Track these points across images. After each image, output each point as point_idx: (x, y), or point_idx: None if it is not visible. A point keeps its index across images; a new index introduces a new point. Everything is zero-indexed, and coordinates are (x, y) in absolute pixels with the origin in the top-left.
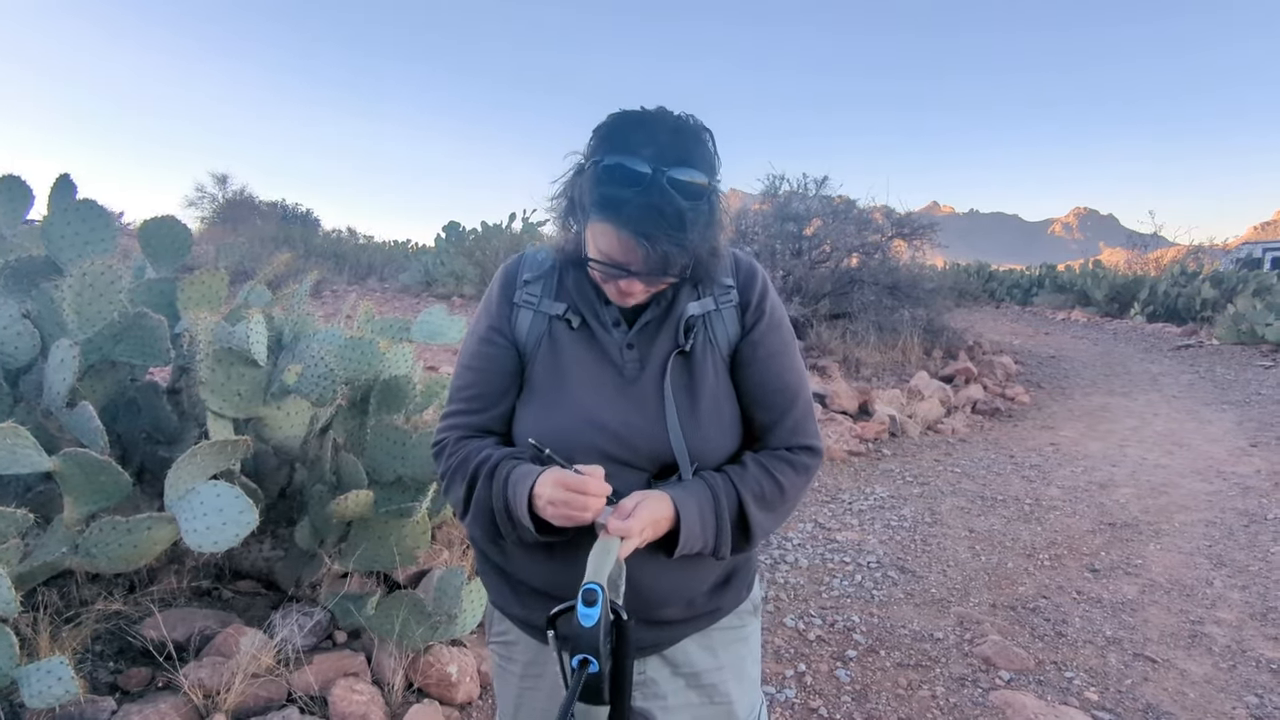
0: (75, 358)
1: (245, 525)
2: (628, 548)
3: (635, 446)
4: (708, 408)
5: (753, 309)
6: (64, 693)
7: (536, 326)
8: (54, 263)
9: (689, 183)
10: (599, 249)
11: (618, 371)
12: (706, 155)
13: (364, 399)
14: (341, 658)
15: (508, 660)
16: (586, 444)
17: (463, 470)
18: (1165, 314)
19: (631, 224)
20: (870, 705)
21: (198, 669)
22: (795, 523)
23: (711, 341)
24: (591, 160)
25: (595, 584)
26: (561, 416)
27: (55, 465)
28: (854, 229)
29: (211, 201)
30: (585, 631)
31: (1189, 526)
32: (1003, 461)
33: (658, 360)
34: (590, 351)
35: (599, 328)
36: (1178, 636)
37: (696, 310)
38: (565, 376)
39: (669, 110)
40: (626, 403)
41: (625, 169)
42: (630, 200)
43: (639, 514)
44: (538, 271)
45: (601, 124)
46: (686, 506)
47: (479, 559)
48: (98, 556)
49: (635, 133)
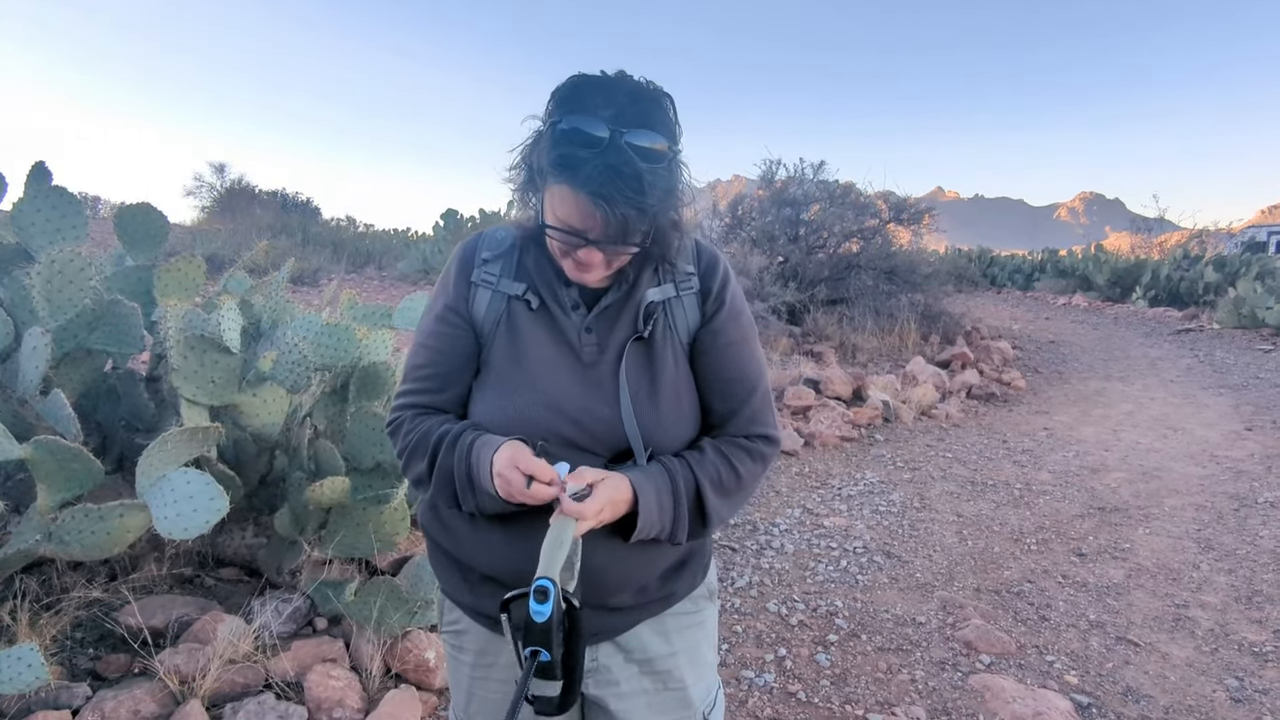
0: (48, 345)
1: (216, 512)
2: (583, 528)
3: (592, 432)
4: (667, 396)
5: (713, 297)
6: (34, 679)
7: (495, 306)
8: (25, 250)
9: (648, 147)
10: (557, 215)
11: (576, 355)
12: (666, 121)
13: (344, 386)
14: (320, 644)
15: (459, 650)
16: (544, 428)
17: (423, 446)
18: (1167, 298)
19: (589, 185)
20: (849, 689)
21: (174, 655)
22: (783, 508)
23: (671, 329)
24: (549, 122)
25: (547, 579)
26: (519, 400)
27: (26, 453)
28: (852, 214)
29: (210, 191)
30: (538, 627)
31: (1179, 511)
32: (995, 447)
33: (616, 346)
34: (549, 334)
35: (558, 310)
36: (1161, 620)
37: (657, 296)
38: (523, 359)
39: (628, 74)
40: (584, 387)
41: (582, 131)
42: (588, 161)
43: (596, 495)
44: (497, 250)
45: (559, 87)
46: (645, 490)
47: (430, 547)
48: (71, 544)
49: (593, 95)
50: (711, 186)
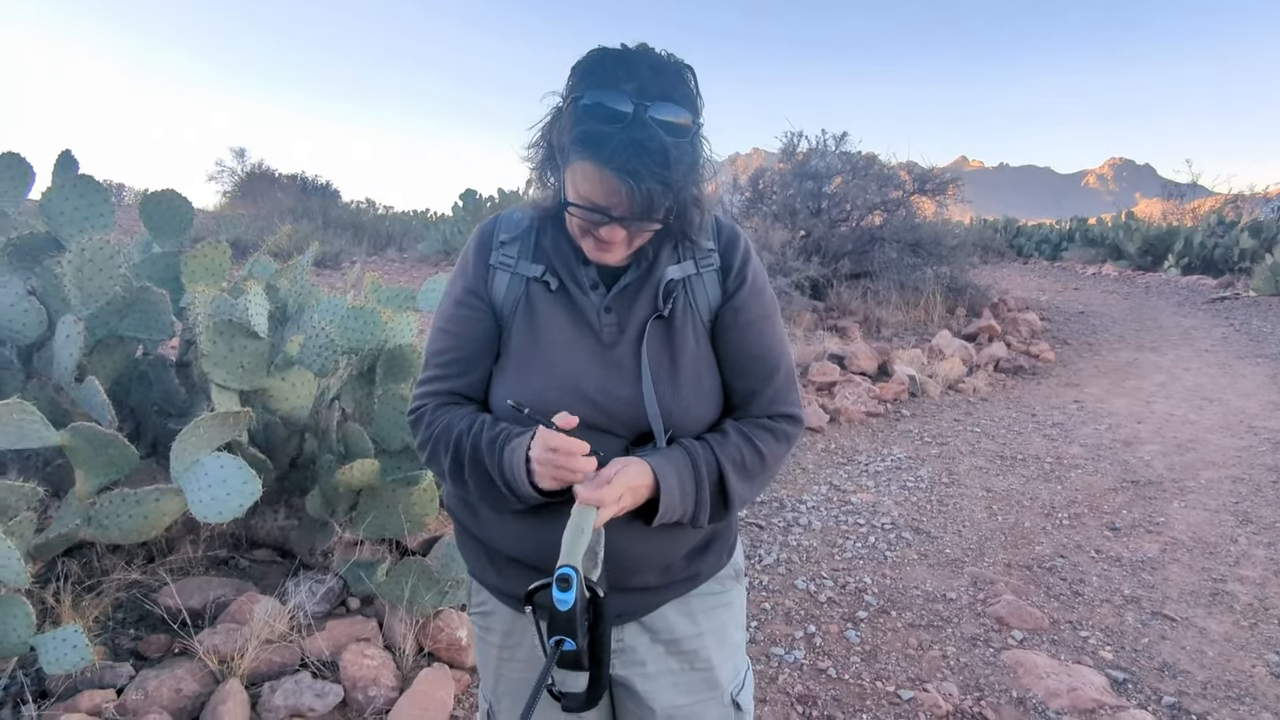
0: (80, 333)
1: (249, 495)
2: (604, 515)
3: (612, 413)
4: (688, 375)
5: (734, 274)
6: (79, 659)
7: (514, 289)
8: (56, 239)
9: (672, 121)
10: (579, 192)
11: (595, 336)
12: (689, 93)
13: (370, 369)
14: (353, 623)
15: (486, 631)
16: (564, 410)
17: (445, 440)
18: (1201, 266)
19: (615, 161)
20: (879, 665)
21: (212, 636)
22: (810, 485)
23: (692, 307)
24: (571, 98)
25: (569, 568)
26: (539, 382)
27: (64, 440)
28: (875, 186)
29: (231, 175)
30: (562, 615)
31: (1215, 483)
32: (1024, 420)
33: (636, 325)
34: (568, 315)
35: (577, 290)
36: (1198, 595)
37: (676, 274)
38: (542, 341)
39: (650, 47)
40: (604, 368)
41: (606, 106)
42: (613, 136)
43: (616, 481)
44: (514, 232)
45: (580, 61)
46: (666, 474)
47: (457, 530)
48: (109, 527)
49: (615, 69)
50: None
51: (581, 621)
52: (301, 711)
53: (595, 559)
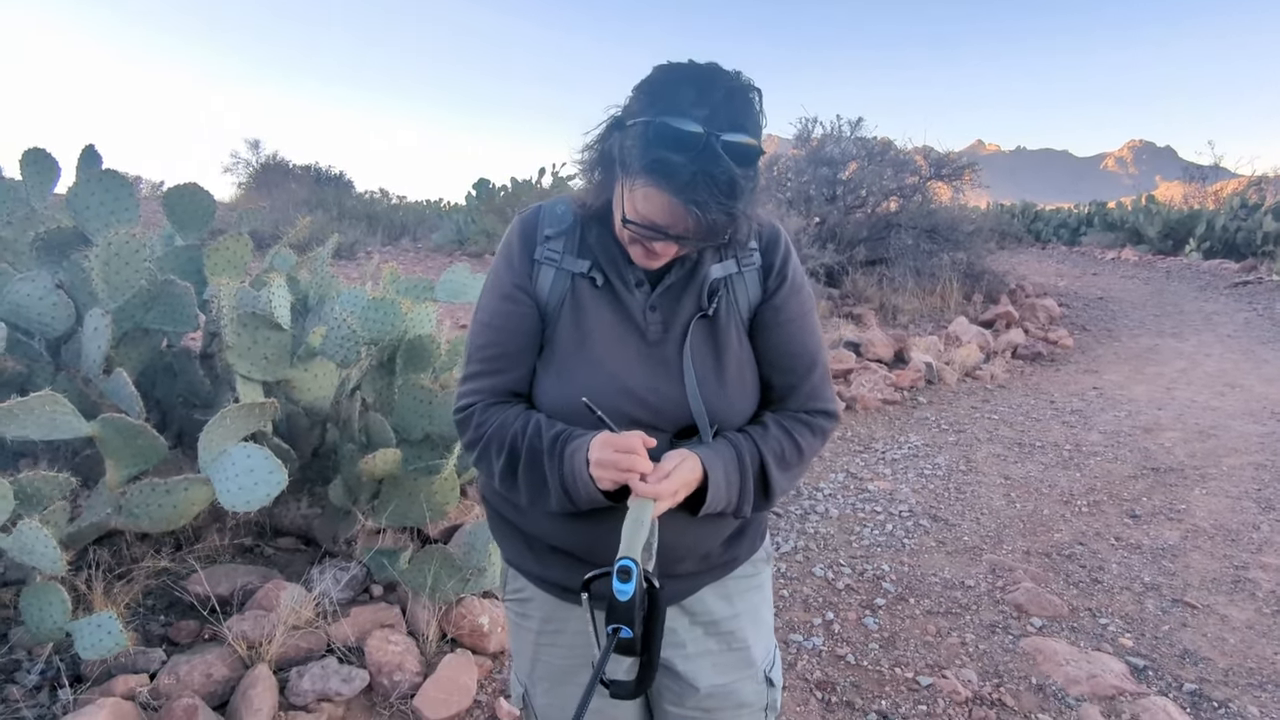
0: (108, 326)
1: (275, 485)
2: (660, 508)
3: (659, 409)
4: (732, 372)
5: (775, 272)
6: (114, 645)
7: (559, 285)
8: (82, 233)
9: (743, 148)
10: (640, 212)
11: (640, 334)
12: (756, 118)
13: (391, 359)
14: (377, 610)
15: (523, 617)
16: (611, 407)
17: (499, 441)
18: (1223, 250)
19: (684, 191)
20: (898, 652)
21: (241, 622)
22: (826, 473)
23: (734, 305)
24: (638, 118)
25: (630, 560)
26: (585, 379)
27: (94, 431)
28: (891, 171)
29: (246, 167)
30: (621, 605)
31: (1238, 470)
32: (1043, 407)
33: (680, 323)
34: (614, 312)
35: (622, 287)
36: (1220, 582)
37: (719, 273)
38: (588, 338)
39: (720, 67)
40: (650, 365)
41: (678, 131)
42: (683, 166)
43: (674, 476)
44: (559, 227)
45: (647, 79)
46: (714, 467)
47: (491, 517)
48: (140, 516)
49: (685, 90)
50: None
51: (639, 611)
52: (329, 695)
53: (650, 550)
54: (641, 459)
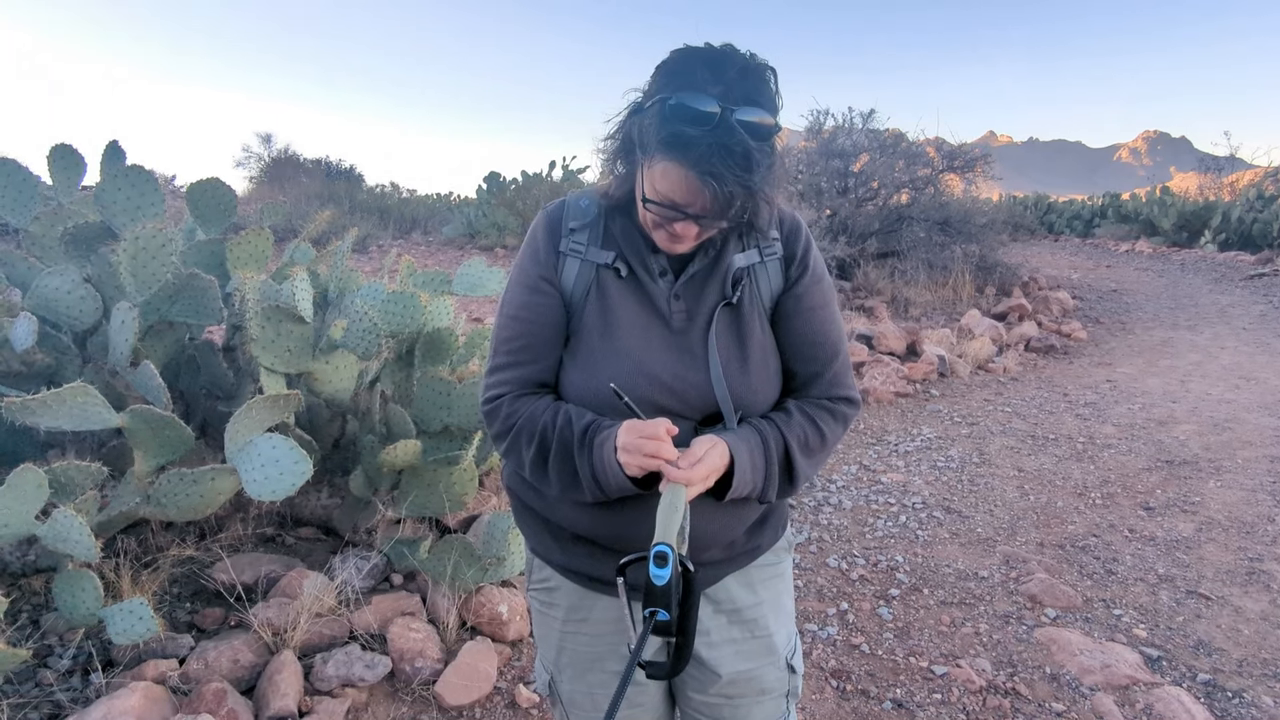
0: (135, 319)
1: (300, 475)
2: (692, 493)
3: (684, 397)
4: (755, 360)
5: (797, 262)
6: (145, 630)
7: (584, 275)
8: (109, 228)
9: (757, 123)
10: (659, 190)
11: (665, 322)
12: (771, 95)
13: (409, 352)
14: (398, 598)
15: (549, 606)
16: (637, 395)
17: (529, 432)
18: (1239, 242)
19: (700, 164)
20: (912, 642)
21: (265, 609)
22: (839, 465)
23: (756, 294)
24: (656, 98)
25: (666, 545)
26: (611, 368)
27: (123, 422)
28: (903, 163)
29: (258, 161)
30: (658, 589)
31: (1252, 463)
32: (1056, 400)
33: (705, 312)
34: (639, 302)
35: (646, 277)
36: (1234, 574)
37: (742, 262)
38: (614, 327)
39: (735, 47)
40: (675, 354)
41: (692, 108)
42: (699, 139)
43: (704, 462)
44: (583, 219)
45: (665, 60)
46: (740, 453)
47: (515, 507)
48: (168, 506)
49: (701, 70)
50: None
51: (675, 594)
52: (353, 681)
53: (683, 535)
54: (666, 445)
